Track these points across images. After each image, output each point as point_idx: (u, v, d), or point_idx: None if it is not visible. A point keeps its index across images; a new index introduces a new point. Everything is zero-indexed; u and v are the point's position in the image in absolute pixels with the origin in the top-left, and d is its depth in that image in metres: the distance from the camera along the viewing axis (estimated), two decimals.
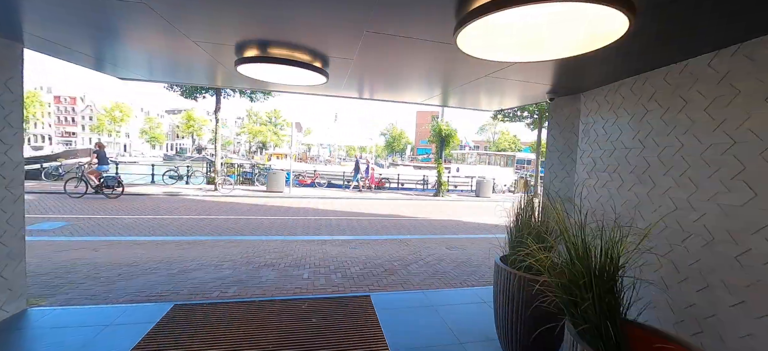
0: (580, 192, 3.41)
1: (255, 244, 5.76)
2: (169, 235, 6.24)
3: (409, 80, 3.55)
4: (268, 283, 3.83)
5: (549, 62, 2.60)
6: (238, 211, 9.08)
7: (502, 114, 17.26)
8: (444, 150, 14.93)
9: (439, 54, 2.49)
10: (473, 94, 4.03)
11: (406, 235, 7.22)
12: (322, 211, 9.71)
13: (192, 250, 5.25)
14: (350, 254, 5.36)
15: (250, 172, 16.14)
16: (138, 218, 7.53)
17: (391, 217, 9.42)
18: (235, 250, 5.32)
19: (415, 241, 6.55)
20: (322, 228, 7.47)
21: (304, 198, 12.27)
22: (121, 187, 10.18)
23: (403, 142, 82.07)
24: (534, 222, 2.54)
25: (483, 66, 2.76)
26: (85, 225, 6.69)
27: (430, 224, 8.64)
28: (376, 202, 12.23)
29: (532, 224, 2.51)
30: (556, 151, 3.88)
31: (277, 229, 7.16)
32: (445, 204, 12.80)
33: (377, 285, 3.93)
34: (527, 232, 2.44)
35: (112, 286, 3.57)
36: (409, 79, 3.52)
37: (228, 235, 6.39)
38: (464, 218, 9.87)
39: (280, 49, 2.60)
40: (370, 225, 8.10)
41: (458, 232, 7.87)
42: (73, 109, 69.70)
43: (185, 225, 7.11)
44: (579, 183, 3.46)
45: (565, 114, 3.74)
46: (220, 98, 12.71)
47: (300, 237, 6.49)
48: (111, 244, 5.44)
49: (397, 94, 4.40)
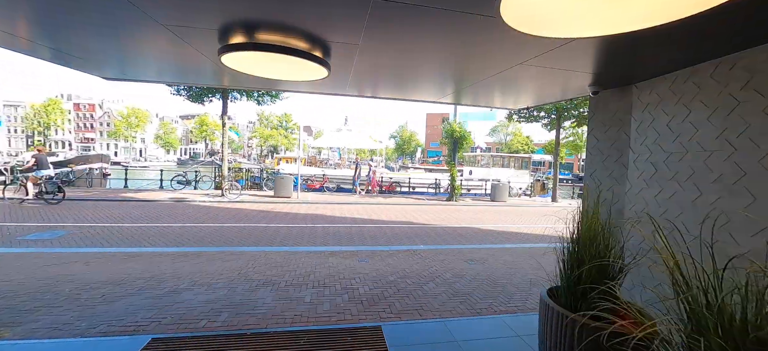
0: (634, 204, 2.82)
1: (256, 256, 5.32)
2: (168, 246, 5.87)
3: (423, 72, 3.03)
4: (264, 307, 3.36)
5: (597, 44, 2.05)
6: (243, 218, 8.71)
7: (517, 114, 16.53)
8: (457, 152, 14.31)
9: (465, 32, 1.96)
10: (503, 86, 3.47)
11: (419, 245, 6.68)
12: (330, 218, 9.25)
13: (188, 263, 4.85)
14: (359, 269, 4.86)
15: (258, 176, 15.86)
16: (140, 226, 7.22)
17: (403, 224, 8.89)
18: (234, 263, 4.89)
19: (430, 253, 6.00)
20: (328, 237, 7.00)
21: (312, 203, 11.86)
22: (62, 192, 9.61)
23: (413, 144, 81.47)
24: (598, 247, 1.95)
25: (524, 48, 2.21)
26: (85, 234, 6.40)
27: (445, 232, 8.06)
28: (387, 208, 11.72)
29: (595, 249, 1.93)
30: (599, 155, 3.29)
31: (282, 238, 6.73)
32: (459, 209, 12.18)
33: (389, 311, 3.41)
34: (593, 263, 1.85)
35: (90, 311, 3.16)
36: (424, 71, 3.00)
37: (229, 246, 5.98)
38: (480, 225, 9.24)
39: (270, 34, 2.12)
40: (380, 233, 7.59)
41: (476, 241, 7.27)
42: (92, 115, 71.80)
43: (187, 234, 6.75)
44: (632, 193, 2.86)
45: (612, 110, 3.15)
46: (227, 102, 12.47)
47: (305, 248, 6.03)
48: (105, 257, 5.09)
49: (408, 90, 3.88)
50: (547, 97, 3.98)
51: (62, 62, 3.30)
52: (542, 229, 9.00)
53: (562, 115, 15.25)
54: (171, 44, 2.48)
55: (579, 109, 15.20)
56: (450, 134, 13.86)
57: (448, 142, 14.16)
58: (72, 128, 70.22)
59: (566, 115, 15.68)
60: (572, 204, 15.80)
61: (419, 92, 4.06)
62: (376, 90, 4.01)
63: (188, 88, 11.93)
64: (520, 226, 9.33)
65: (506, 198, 14.75)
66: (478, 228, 8.83)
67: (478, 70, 2.85)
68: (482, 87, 3.44)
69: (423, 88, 3.75)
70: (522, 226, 9.34)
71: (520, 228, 9.12)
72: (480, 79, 3.12)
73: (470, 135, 14.22)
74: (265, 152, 66.35)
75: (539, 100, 4.15)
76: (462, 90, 3.72)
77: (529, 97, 3.95)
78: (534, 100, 4.10)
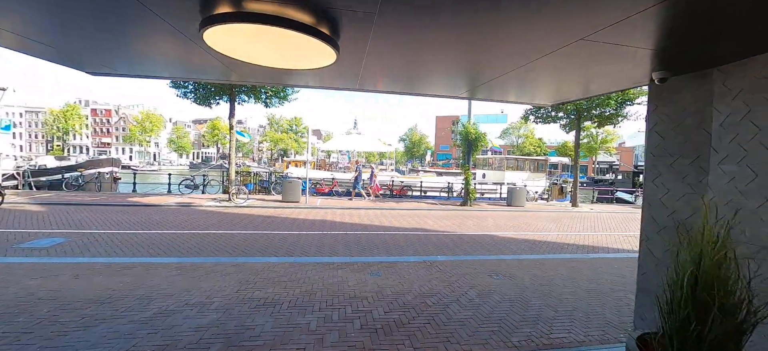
0: (721, 217, 2.22)
1: (258, 269, 4.86)
2: (166, 255, 5.47)
3: (447, 54, 2.51)
4: (261, 338, 2.87)
5: (665, 14, 1.50)
6: (248, 224, 8.31)
7: (535, 114, 15.79)
8: (471, 154, 13.67)
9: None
10: (549, 75, 2.92)
11: (436, 255, 6.12)
12: (339, 224, 8.77)
13: (184, 277, 4.42)
14: (371, 285, 4.34)
15: (266, 180, 15.55)
16: (141, 233, 6.88)
17: (417, 231, 8.33)
18: (233, 278, 4.43)
19: (449, 265, 5.44)
20: (338, 246, 6.50)
21: (320, 208, 11.42)
22: (2, 196, 9.43)
23: (422, 147, 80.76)
24: (726, 290, 1.38)
25: (577, 23, 1.68)
26: (85, 241, 6.07)
27: (462, 240, 7.47)
28: (398, 213, 11.18)
29: (722, 293, 1.35)
30: (666, 157, 2.69)
31: (288, 247, 6.26)
32: (475, 215, 11.54)
33: (410, 345, 2.87)
34: (725, 315, 1.28)
35: (59, 341, 2.72)
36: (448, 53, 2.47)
37: (230, 257, 5.54)
38: (500, 232, 8.61)
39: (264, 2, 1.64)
40: (392, 242, 7.05)
41: (497, 250, 6.66)
42: (108, 121, 73.60)
43: (187, 243, 6.36)
44: (717, 205, 2.26)
45: (686, 101, 2.56)
46: (235, 104, 12.18)
47: (312, 259, 5.54)
48: (97, 269, 4.70)
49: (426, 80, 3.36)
50: (596, 88, 3.40)
51: (37, 53, 2.91)
52: (568, 236, 8.31)
53: (582, 116, 14.46)
54: (151, 26, 2.03)
55: (600, 109, 14.39)
56: (464, 136, 13.23)
57: (462, 144, 13.53)
58: (89, 133, 72.09)
59: (586, 116, 14.88)
60: (593, 209, 14.92)
61: (444, 84, 3.54)
62: (391, 81, 3.51)
63: (194, 90, 11.68)
64: (543, 233, 8.66)
65: (524, 203, 14.01)
66: (499, 235, 8.20)
67: (529, 48, 2.30)
68: (540, 72, 2.84)
69: (451, 75, 3.22)
70: (545, 233, 8.66)
71: (544, 235, 8.45)
72: (528, 61, 2.57)
73: (486, 136, 13.57)
74: (276, 156, 66.73)
75: (612, 85, 3.46)
76: (490, 82, 3.19)
77: (597, 83, 3.26)
78: (581, 91, 3.52)
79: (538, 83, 3.28)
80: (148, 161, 68.77)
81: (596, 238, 8.46)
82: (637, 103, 14.19)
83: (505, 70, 2.76)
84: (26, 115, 70.52)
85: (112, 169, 16.83)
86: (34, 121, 70.50)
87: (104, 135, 73.19)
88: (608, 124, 14.71)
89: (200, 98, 11.82)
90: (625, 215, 13.28)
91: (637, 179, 23.42)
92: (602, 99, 13.81)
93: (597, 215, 12.97)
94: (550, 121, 16.17)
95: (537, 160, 21.58)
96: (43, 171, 14.72)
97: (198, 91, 11.75)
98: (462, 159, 14.08)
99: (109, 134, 73.39)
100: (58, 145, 65.60)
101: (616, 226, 10.45)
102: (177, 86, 11.67)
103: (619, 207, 16.86)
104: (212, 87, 11.64)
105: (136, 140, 65.65)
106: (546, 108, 15.56)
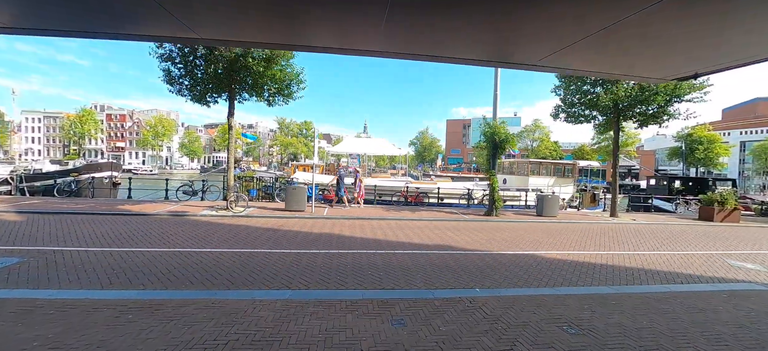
0: None
1: (239, 313, 3.55)
2: (123, 287, 4.24)
3: None
4: None
5: None
6: (241, 240, 7.05)
7: (566, 112, 14.16)
8: (497, 157, 12.16)
9: None
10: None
11: (473, 286, 4.71)
12: (348, 240, 7.42)
13: (133, 326, 3.14)
14: (394, 345, 2.97)
15: (270, 185, 14.38)
16: (111, 252, 5.68)
17: (442, 250, 6.92)
18: (201, 328, 3.14)
19: (495, 305, 4.02)
20: (347, 271, 5.16)
21: (327, 219, 10.12)
22: None
23: (433, 151, 79.06)
24: None
25: None
26: (41, 262, 4.88)
27: (499, 264, 6.02)
28: (416, 225, 9.77)
29: None
30: None
31: (284, 275, 4.96)
32: (504, 227, 10.03)
33: None
34: None
35: None
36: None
37: (206, 290, 4.27)
38: (541, 250, 7.11)
39: None
40: (414, 265, 5.66)
41: (549, 279, 5.19)
42: (122, 125, 74.64)
43: (161, 266, 5.12)
44: None
45: None
46: (234, 102, 11.06)
47: (313, 294, 4.22)
48: (28, 310, 3.48)
49: (459, 43, 2.02)
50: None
51: None
52: (631, 257, 6.72)
53: (625, 113, 12.79)
54: None
55: (643, 106, 12.71)
56: (490, 136, 11.73)
57: (487, 145, 12.04)
58: (104, 138, 73.21)
59: (626, 115, 13.19)
60: (636, 219, 13.11)
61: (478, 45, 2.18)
62: (415, 42, 2.17)
63: (190, 88, 10.60)
64: (594, 253, 7.10)
65: (557, 212, 12.39)
66: (542, 256, 6.71)
67: None
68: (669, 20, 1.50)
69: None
70: (597, 252, 7.10)
71: (597, 254, 6.89)
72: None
73: (514, 138, 12.06)
74: (285, 160, 66.18)
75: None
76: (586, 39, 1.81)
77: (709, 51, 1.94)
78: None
79: (661, 40, 1.90)
80: (160, 165, 69.25)
81: (672, 260, 6.86)
82: (685, 99, 12.47)
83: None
84: (44, 120, 72.13)
85: (111, 174, 15.96)
86: (52, 125, 72.01)
87: (118, 139, 74.19)
88: (652, 123, 12.98)
89: (197, 96, 10.73)
90: (680, 228, 11.49)
91: (672, 186, 21.35)
92: (647, 94, 12.15)
93: (646, 228, 11.25)
94: (581, 121, 14.48)
95: (564, 163, 19.83)
96: (37, 176, 13.92)
97: (194, 89, 10.67)
98: (486, 163, 12.56)
99: (123, 138, 74.37)
100: (74, 150, 66.63)
101: (678, 243, 8.76)
102: (172, 82, 10.62)
103: (661, 217, 15.00)
104: (210, 83, 10.54)
105: (148, 144, 66.14)
106: (579, 107, 13.92)
